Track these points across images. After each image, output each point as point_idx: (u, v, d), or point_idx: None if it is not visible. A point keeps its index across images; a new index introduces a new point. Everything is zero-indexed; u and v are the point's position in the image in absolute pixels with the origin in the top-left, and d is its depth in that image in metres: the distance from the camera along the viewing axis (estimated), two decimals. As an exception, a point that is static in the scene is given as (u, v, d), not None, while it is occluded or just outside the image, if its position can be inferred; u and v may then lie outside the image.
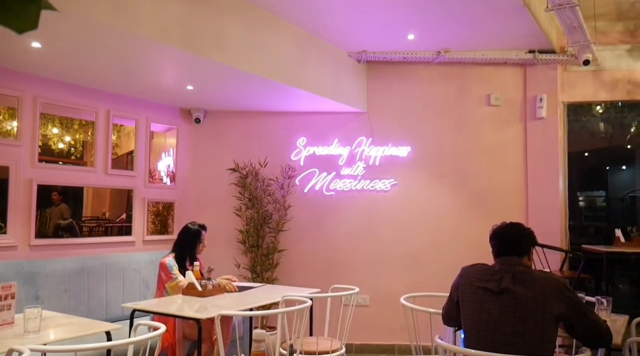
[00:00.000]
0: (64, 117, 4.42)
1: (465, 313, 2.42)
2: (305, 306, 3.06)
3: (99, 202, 4.80)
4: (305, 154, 5.47)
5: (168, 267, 3.88)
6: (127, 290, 4.47)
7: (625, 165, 7.92)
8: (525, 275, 2.34)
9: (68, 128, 4.47)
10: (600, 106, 6.21)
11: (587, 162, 7.50)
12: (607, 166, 8.30)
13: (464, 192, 5.37)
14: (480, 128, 5.39)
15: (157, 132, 5.37)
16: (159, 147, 5.38)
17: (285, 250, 5.40)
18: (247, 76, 4.09)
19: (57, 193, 4.49)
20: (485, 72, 5.43)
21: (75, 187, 4.52)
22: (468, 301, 2.42)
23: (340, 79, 5.08)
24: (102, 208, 4.84)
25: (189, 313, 3.18)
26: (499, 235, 2.55)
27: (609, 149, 7.68)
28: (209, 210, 5.52)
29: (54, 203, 4.48)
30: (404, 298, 3.34)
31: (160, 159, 5.44)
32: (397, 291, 5.29)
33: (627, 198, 7.35)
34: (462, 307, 2.46)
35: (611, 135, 6.81)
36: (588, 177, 7.64)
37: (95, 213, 4.73)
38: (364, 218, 5.42)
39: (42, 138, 4.25)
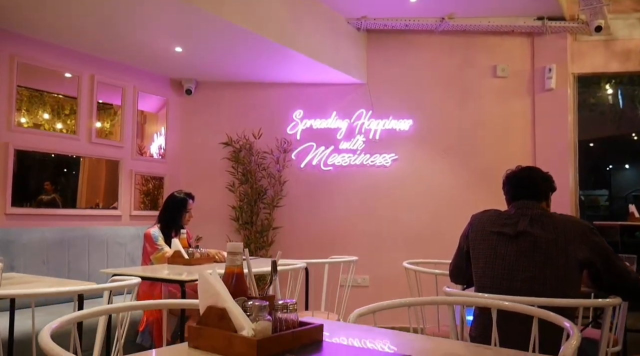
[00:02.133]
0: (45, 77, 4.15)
1: (476, 262, 2.15)
2: (299, 267, 2.79)
3: (93, 192, 4.57)
4: (301, 128, 5.21)
5: (153, 238, 3.61)
6: (111, 264, 4.20)
7: (629, 162, 7.63)
8: (544, 217, 2.08)
9: (50, 94, 4.21)
10: (610, 83, 5.96)
11: (591, 155, 7.15)
12: (610, 164, 8.02)
13: (468, 167, 5.10)
14: (486, 101, 5.13)
15: (149, 112, 5.11)
16: (151, 128, 5.12)
17: (280, 228, 5.13)
18: (239, 32, 3.83)
19: (50, 183, 4.25)
20: (491, 41, 5.17)
21: (69, 177, 4.30)
22: (480, 248, 2.15)
23: (339, 46, 4.82)
24: (96, 199, 4.61)
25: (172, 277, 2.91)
26: (514, 178, 2.29)
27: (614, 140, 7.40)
28: (201, 185, 5.24)
29: (47, 193, 4.25)
30: (407, 262, 3.07)
31: (153, 141, 5.18)
32: (397, 272, 5.02)
33: (630, 197, 7.08)
34: (473, 256, 2.19)
35: (620, 116, 6.54)
36: (591, 173, 7.35)
37: (89, 204, 4.49)
38: (363, 194, 5.16)
39: (23, 105, 3.99)
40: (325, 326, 1.36)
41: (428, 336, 1.40)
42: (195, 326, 1.17)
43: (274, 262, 1.30)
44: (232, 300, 1.16)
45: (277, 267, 1.31)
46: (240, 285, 1.25)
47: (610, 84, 6.03)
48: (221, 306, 1.14)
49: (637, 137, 7.64)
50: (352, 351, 1.13)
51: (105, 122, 4.66)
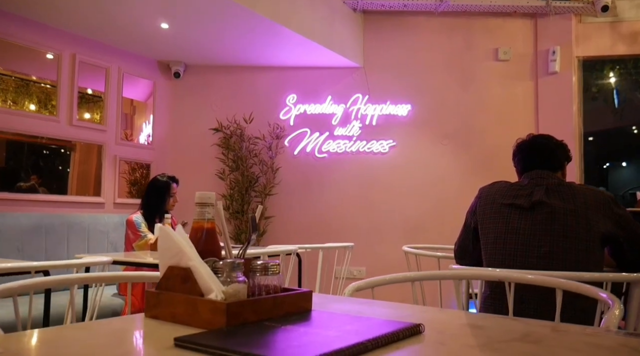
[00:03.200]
0: (22, 55, 3.92)
1: (486, 238, 1.93)
2: (290, 250, 2.57)
3: (84, 186, 4.34)
4: (295, 113, 4.99)
5: (135, 224, 3.39)
6: (92, 251, 3.96)
7: (627, 159, 7.41)
8: (561, 186, 1.86)
9: (28, 76, 3.97)
10: (614, 70, 5.75)
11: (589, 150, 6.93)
12: (608, 161, 7.80)
13: (469, 154, 4.89)
14: (487, 85, 4.93)
15: (139, 101, 4.88)
16: (141, 118, 4.89)
17: (272, 217, 4.90)
18: (228, 6, 3.60)
19: (37, 176, 4.02)
20: (492, 23, 4.96)
21: (48, 161, 4.08)
22: (490, 223, 1.92)
23: (334, 26, 4.60)
24: (87, 192, 4.37)
25: (152, 262, 2.68)
26: (527, 147, 2.08)
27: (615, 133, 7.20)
28: (189, 173, 5.00)
29: (25, 178, 4.05)
30: (406, 246, 2.85)
31: (141, 131, 4.95)
32: (395, 263, 4.82)
33: (627, 195, 6.89)
34: (482, 233, 1.96)
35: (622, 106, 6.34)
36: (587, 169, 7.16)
37: (70, 191, 4.27)
38: (359, 183, 4.94)
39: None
40: (317, 299, 1.13)
41: (439, 308, 1.18)
42: (153, 291, 0.95)
43: (253, 219, 1.08)
44: (199, 258, 0.94)
45: (257, 224, 1.09)
46: (211, 244, 1.03)
47: (614, 70, 5.82)
48: (184, 266, 0.92)
49: (638, 130, 7.44)
50: (350, 320, 0.91)
51: (95, 113, 4.43)
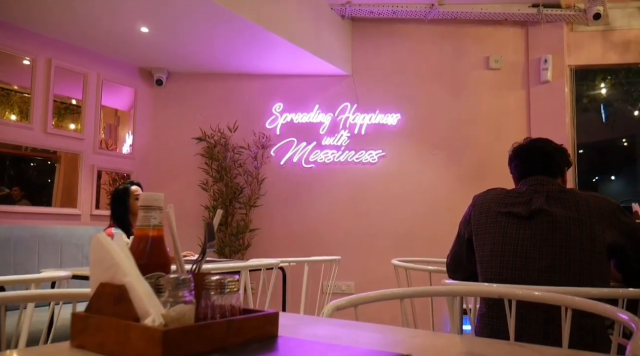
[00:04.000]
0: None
1: (481, 250, 1.77)
2: (272, 263, 2.39)
3: (69, 199, 4.15)
4: (281, 122, 4.84)
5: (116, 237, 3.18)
6: (65, 266, 3.74)
7: (616, 172, 7.32)
8: (563, 193, 1.71)
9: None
10: (605, 80, 5.67)
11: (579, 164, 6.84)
12: (597, 175, 7.71)
13: (460, 164, 4.75)
14: (479, 94, 4.81)
15: (123, 111, 4.71)
16: (125, 128, 4.72)
17: (258, 230, 4.72)
18: (210, 8, 3.45)
19: (19, 188, 3.85)
20: (483, 31, 4.86)
21: (42, 179, 3.88)
22: (485, 233, 1.77)
23: (321, 32, 4.47)
24: (62, 203, 4.20)
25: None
26: (524, 151, 1.93)
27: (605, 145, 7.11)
28: (172, 183, 4.83)
29: (14, 199, 3.88)
30: (395, 259, 2.68)
31: (124, 141, 4.77)
32: (386, 277, 4.64)
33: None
34: (477, 244, 1.80)
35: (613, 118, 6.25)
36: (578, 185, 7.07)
37: (45, 202, 4.09)
38: (348, 194, 4.78)
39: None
40: (288, 320, 0.96)
41: (431, 332, 1.01)
42: (79, 313, 0.77)
43: (209, 226, 0.91)
44: (137, 273, 0.77)
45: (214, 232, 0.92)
46: (158, 256, 0.86)
47: (605, 81, 5.74)
48: (118, 283, 0.75)
49: (628, 143, 7.38)
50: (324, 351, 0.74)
51: (73, 122, 4.26)
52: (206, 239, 0.90)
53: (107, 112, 4.73)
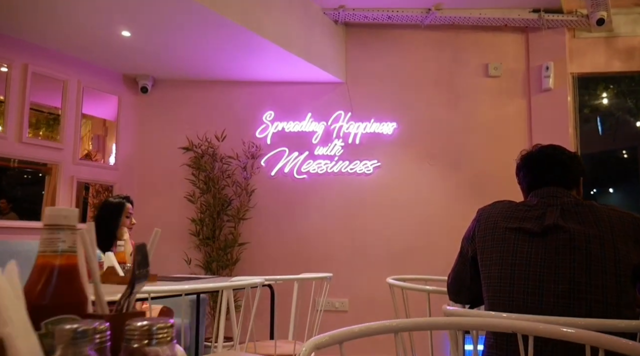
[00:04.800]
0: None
1: (488, 271, 1.55)
2: (256, 282, 2.17)
3: (34, 209, 3.95)
4: (272, 131, 4.63)
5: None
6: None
7: (614, 185, 7.13)
8: (580, 207, 1.50)
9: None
10: (607, 89, 5.49)
11: None
12: (595, 187, 7.53)
13: (458, 175, 4.55)
14: (477, 102, 4.63)
15: (111, 121, 4.51)
16: (111, 138, 4.52)
17: (247, 244, 4.49)
18: (193, 9, 3.26)
19: (6, 200, 3.71)
20: (482, 38, 4.69)
21: (34, 192, 3.69)
22: (492, 251, 1.55)
23: (313, 38, 4.29)
24: (28, 209, 4.01)
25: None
26: (533, 160, 1.73)
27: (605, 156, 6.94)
28: (157, 195, 4.61)
29: (2, 211, 3.73)
30: (391, 278, 2.46)
31: (111, 153, 4.56)
32: (380, 294, 4.42)
33: None
34: (482, 264, 1.59)
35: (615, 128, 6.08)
36: None
37: (19, 215, 3.86)
38: (342, 206, 4.56)
39: None
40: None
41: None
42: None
43: (141, 249, 0.69)
44: (24, 321, 0.55)
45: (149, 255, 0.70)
46: (68, 292, 0.64)
47: (607, 90, 5.57)
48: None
49: (628, 155, 7.20)
50: None
51: (57, 133, 4.06)
52: (135, 267, 0.68)
53: (95, 123, 4.52)
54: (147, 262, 0.69)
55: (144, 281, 0.69)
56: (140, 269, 0.68)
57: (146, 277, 0.69)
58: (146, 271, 0.69)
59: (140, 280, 0.68)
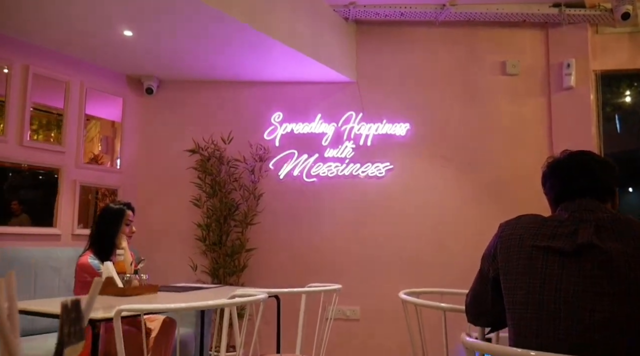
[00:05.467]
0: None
1: (513, 295, 1.38)
2: (259, 298, 2.01)
3: (36, 215, 3.87)
4: (281, 132, 4.48)
5: (94, 268, 2.86)
6: (39, 293, 3.39)
7: (634, 184, 6.83)
8: (617, 223, 1.32)
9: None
10: (631, 87, 5.24)
11: None
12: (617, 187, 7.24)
13: (474, 178, 4.36)
14: (494, 102, 4.43)
15: (118, 122, 4.41)
16: (119, 140, 4.43)
17: (254, 250, 4.35)
18: (198, 8, 3.12)
19: (18, 202, 3.64)
20: (499, 34, 4.49)
21: (43, 192, 3.68)
22: (518, 272, 1.37)
23: (322, 36, 4.12)
24: (29, 214, 3.90)
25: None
26: (563, 167, 1.54)
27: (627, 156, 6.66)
28: (162, 199, 4.49)
29: (14, 213, 3.65)
30: (404, 292, 2.29)
31: (117, 157, 4.45)
32: (393, 302, 4.22)
33: None
34: (506, 286, 1.41)
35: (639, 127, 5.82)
36: None
37: (20, 221, 3.78)
38: (352, 210, 4.40)
39: None
40: None
41: None
42: None
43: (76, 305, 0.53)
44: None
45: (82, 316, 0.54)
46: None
47: (631, 88, 5.32)
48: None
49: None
50: None
51: (59, 136, 3.95)
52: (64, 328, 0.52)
53: (103, 124, 4.41)
54: (81, 320, 0.53)
55: (79, 342, 0.54)
56: (72, 328, 0.53)
57: (81, 337, 0.54)
58: (80, 330, 0.53)
59: (71, 343, 0.52)
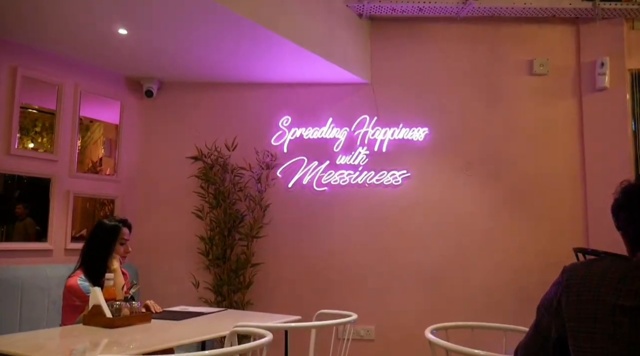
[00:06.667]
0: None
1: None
2: (258, 344, 1.71)
3: (26, 230, 3.61)
4: (289, 138, 4.18)
5: (83, 290, 2.57)
6: (25, 317, 3.12)
7: None
8: None
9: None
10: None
11: None
12: None
13: (499, 187, 4.03)
14: (521, 104, 4.10)
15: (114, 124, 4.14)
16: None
17: (261, 265, 4.04)
18: (199, 3, 2.82)
19: (22, 206, 3.44)
20: (526, 31, 4.16)
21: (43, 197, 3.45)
22: (595, 339, 1.05)
23: (335, 34, 3.81)
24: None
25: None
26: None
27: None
28: (162, 209, 4.20)
29: (18, 217, 3.45)
30: (431, 330, 1.97)
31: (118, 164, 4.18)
32: (411, 320, 3.94)
33: None
34: (574, 350, 1.09)
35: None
36: None
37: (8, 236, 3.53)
38: (366, 221, 4.09)
39: None
40: None
41: None
42: None
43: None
44: None
45: None
46: None
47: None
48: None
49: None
50: None
51: (50, 143, 3.68)
52: None
53: (107, 126, 4.14)
54: None
55: None
56: None
57: None
58: None
59: None
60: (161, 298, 2.98)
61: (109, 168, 4.10)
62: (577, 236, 3.90)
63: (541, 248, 3.92)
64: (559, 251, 3.85)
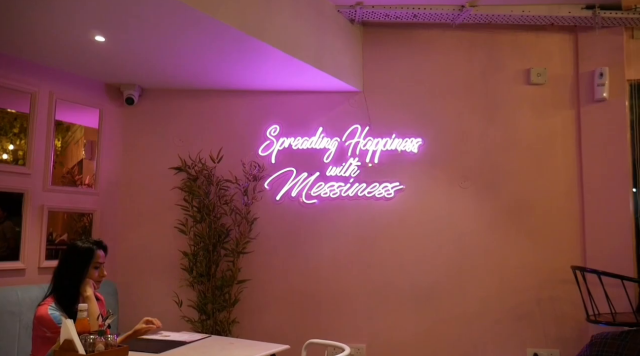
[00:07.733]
0: None
1: None
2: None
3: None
4: (277, 148, 4.01)
5: (54, 320, 2.37)
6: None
7: None
8: None
9: None
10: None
11: None
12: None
13: (495, 200, 3.91)
14: (517, 115, 3.98)
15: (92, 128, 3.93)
16: None
17: (247, 281, 3.87)
18: (178, 9, 2.62)
19: (1, 209, 3.26)
20: (523, 39, 4.02)
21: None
22: None
23: (325, 41, 3.63)
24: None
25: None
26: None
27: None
28: (143, 223, 4.01)
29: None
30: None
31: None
32: (403, 339, 3.80)
33: None
34: None
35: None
36: None
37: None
38: (358, 235, 3.94)
39: None
40: None
41: None
42: None
43: None
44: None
45: None
46: None
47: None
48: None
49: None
50: None
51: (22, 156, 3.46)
52: None
53: (87, 130, 3.92)
54: None
55: None
56: None
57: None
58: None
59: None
60: (142, 318, 2.80)
61: (88, 175, 3.87)
62: (574, 251, 3.80)
63: (538, 265, 3.81)
64: (556, 266, 3.75)
